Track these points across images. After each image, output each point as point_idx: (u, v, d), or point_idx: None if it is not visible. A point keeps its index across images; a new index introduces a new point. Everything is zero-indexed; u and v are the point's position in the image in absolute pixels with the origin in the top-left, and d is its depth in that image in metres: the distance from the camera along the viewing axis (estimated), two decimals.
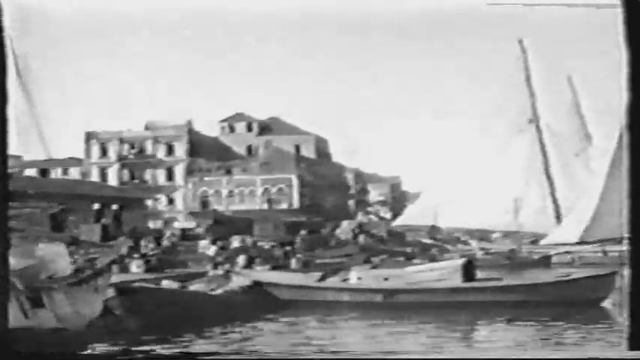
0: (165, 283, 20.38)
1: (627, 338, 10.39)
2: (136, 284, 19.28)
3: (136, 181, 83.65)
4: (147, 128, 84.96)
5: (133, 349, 14.44)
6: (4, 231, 10.11)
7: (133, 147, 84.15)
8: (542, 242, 41.67)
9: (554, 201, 45.08)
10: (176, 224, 71.42)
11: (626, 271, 10.23)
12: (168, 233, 51.07)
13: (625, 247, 40.92)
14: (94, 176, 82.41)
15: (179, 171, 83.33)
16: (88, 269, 15.58)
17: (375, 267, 27.59)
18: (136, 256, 28.52)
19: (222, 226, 53.26)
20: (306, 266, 29.86)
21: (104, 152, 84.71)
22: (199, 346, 15.24)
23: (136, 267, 25.54)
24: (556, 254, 39.65)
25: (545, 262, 38.55)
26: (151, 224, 64.22)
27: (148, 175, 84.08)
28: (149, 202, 68.65)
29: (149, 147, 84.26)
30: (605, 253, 39.49)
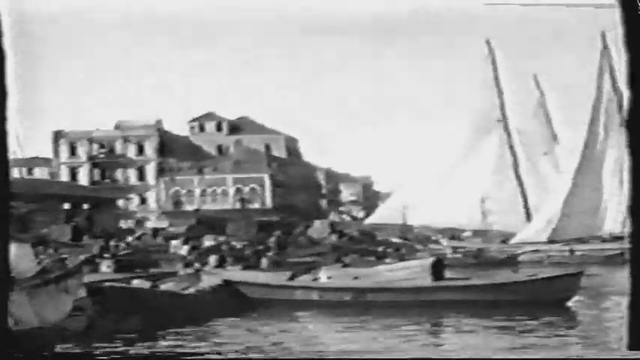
0: (136, 283, 20.34)
1: (627, 338, 10.51)
2: (107, 284, 19.21)
3: (107, 180, 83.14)
4: (117, 128, 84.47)
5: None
6: (4, 231, 10.12)
7: (102, 147, 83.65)
8: (512, 241, 42.08)
9: (524, 200, 45.50)
10: (148, 224, 71.17)
11: (627, 271, 10.36)
12: (139, 233, 50.89)
13: (596, 246, 41.10)
14: (64, 176, 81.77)
15: (150, 170, 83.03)
16: (58, 270, 15.50)
17: (346, 266, 27.72)
18: (106, 255, 28.42)
19: (205, 227, 53.22)
20: (277, 266, 29.91)
21: (73, 152, 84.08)
22: (168, 343, 15.25)
23: (106, 267, 25.45)
24: (524, 253, 40.06)
25: (511, 261, 38.94)
26: (123, 224, 64.00)
27: (119, 174, 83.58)
28: (120, 202, 68.34)
29: (119, 146, 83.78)
30: (572, 252, 39.97)
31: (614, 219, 41.71)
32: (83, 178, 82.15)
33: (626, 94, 10.56)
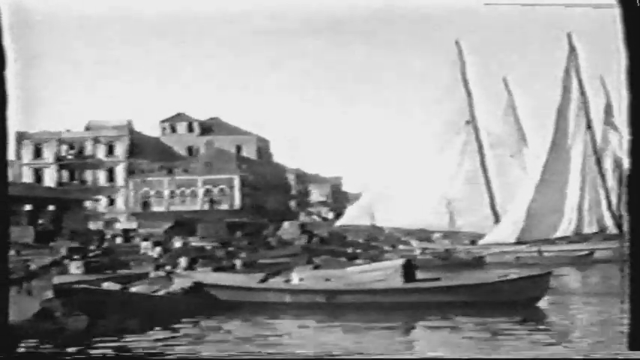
0: (107, 285, 20.22)
1: (627, 338, 10.61)
2: (77, 286, 19.08)
3: (76, 182, 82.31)
4: (87, 129, 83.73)
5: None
6: (4, 231, 10.07)
7: (72, 147, 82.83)
8: (481, 242, 42.39)
9: (492, 201, 45.79)
10: (117, 225, 70.65)
11: (627, 271, 10.45)
12: (109, 234, 50.55)
13: (564, 247, 41.39)
14: (26, 178, 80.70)
15: (120, 171, 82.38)
16: (20, 272, 15.34)
17: (317, 267, 27.73)
18: (75, 257, 28.19)
19: (183, 228, 53.04)
20: (248, 267, 29.87)
21: (38, 153, 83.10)
22: (141, 344, 15.20)
23: (75, 268, 25.25)
24: (492, 254, 40.38)
25: (479, 262, 39.25)
26: (92, 225, 63.46)
27: (88, 175, 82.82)
28: (89, 204, 67.69)
29: (89, 147, 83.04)
30: (540, 253, 40.38)
31: (580, 220, 42.21)
32: (50, 180, 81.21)
33: (626, 93, 10.63)
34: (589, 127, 43.53)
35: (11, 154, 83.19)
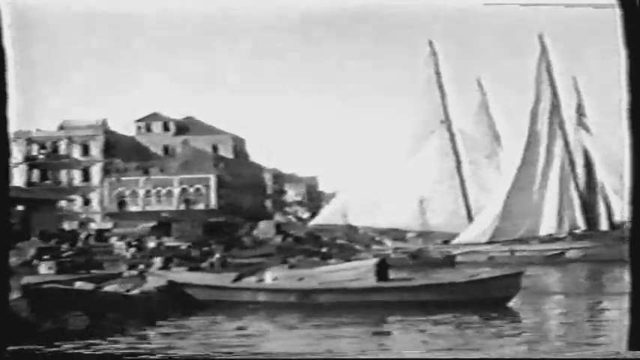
0: (79, 285, 20.12)
1: (627, 338, 10.67)
2: (46, 285, 18.95)
3: (49, 181, 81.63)
4: (61, 128, 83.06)
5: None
6: (4, 229, 10.04)
7: (43, 147, 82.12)
8: (454, 242, 42.67)
9: (466, 201, 46.07)
10: (93, 225, 70.18)
11: (627, 271, 10.52)
12: (84, 234, 50.20)
13: (535, 247, 41.80)
14: None
15: (95, 171, 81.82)
16: None
17: (292, 267, 27.82)
18: (45, 257, 28.01)
19: (166, 228, 52.87)
20: (223, 266, 29.89)
21: None
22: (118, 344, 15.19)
23: (46, 269, 25.10)
24: (465, 253, 40.68)
25: (450, 261, 39.52)
26: (67, 225, 63.00)
27: (63, 175, 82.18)
28: (64, 203, 67.17)
29: (63, 147, 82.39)
30: (512, 253, 40.73)
31: (552, 220, 42.60)
32: (19, 180, 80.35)
33: (625, 92, 10.69)
34: (561, 128, 43.95)
35: None
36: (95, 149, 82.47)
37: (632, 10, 10.52)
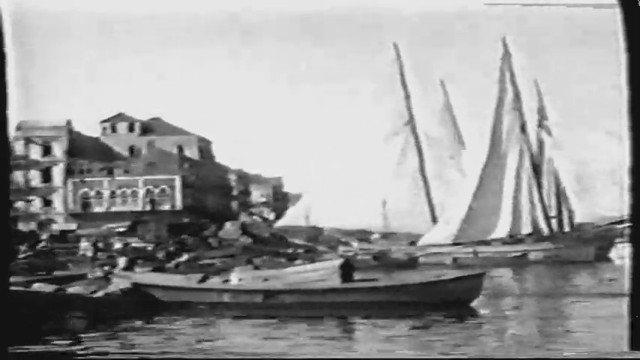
0: (37, 286, 19.85)
1: (628, 338, 10.76)
2: None
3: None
4: (19, 128, 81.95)
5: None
6: (4, 227, 10.00)
7: None
8: (418, 243, 42.90)
9: (430, 203, 46.33)
10: (55, 226, 69.42)
11: (627, 271, 10.60)
12: (45, 235, 49.67)
13: (499, 248, 42.13)
14: None
15: (57, 172, 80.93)
16: None
17: (257, 268, 27.85)
18: None
19: (143, 227, 52.49)
20: (188, 267, 29.84)
21: None
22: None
23: None
24: (429, 255, 40.96)
25: (413, 262, 39.80)
26: (23, 227, 62.16)
27: (18, 176, 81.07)
28: (20, 204, 66.29)
29: (19, 148, 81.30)
30: (475, 254, 41.08)
31: (515, 222, 43.04)
32: None
33: (626, 92, 10.77)
34: (523, 130, 44.43)
35: None
36: (58, 150, 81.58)
37: (632, 10, 10.62)
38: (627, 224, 38.76)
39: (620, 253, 38.49)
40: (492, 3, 15.82)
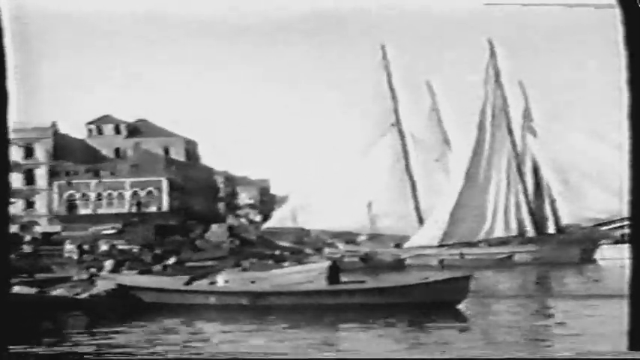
0: (18, 289, 19.66)
1: (628, 338, 10.75)
2: None
3: None
4: None
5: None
6: (4, 230, 9.95)
7: None
8: (405, 245, 42.96)
9: (416, 204, 46.40)
10: (37, 228, 69.07)
11: (627, 271, 10.58)
12: (28, 237, 49.37)
13: (485, 250, 42.18)
14: None
15: (41, 174, 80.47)
16: None
17: (245, 270, 27.80)
18: None
19: (130, 229, 52.28)
20: (175, 269, 29.75)
21: None
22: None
23: None
24: (415, 256, 41.03)
25: (399, 264, 39.87)
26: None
27: None
28: None
29: None
30: (462, 256, 41.18)
31: (500, 224, 43.19)
32: None
33: (626, 93, 10.73)
34: (510, 132, 44.57)
35: None
36: (41, 152, 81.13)
37: (632, 10, 10.60)
38: (618, 225, 38.93)
39: (605, 254, 38.69)
40: (492, 3, 15.83)
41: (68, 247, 40.60)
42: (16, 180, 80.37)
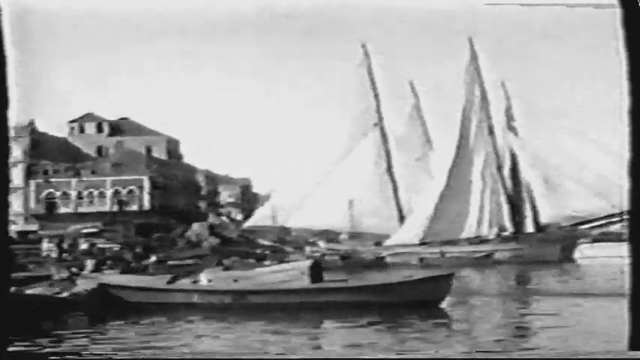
0: None
1: (628, 338, 10.74)
2: None
3: None
4: None
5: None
6: (4, 224, 9.87)
7: None
8: (386, 243, 43.14)
9: (397, 203, 46.61)
10: (13, 227, 68.68)
11: (627, 271, 10.58)
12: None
13: (465, 248, 42.60)
14: None
15: (17, 173, 79.86)
16: None
17: (227, 269, 27.76)
18: None
19: (119, 228, 52.04)
20: (157, 268, 29.67)
21: None
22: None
23: None
24: (396, 255, 41.18)
25: (380, 262, 40.02)
26: None
27: None
28: None
29: None
30: (442, 254, 41.37)
31: (481, 222, 43.45)
32: None
33: (626, 93, 10.76)
34: (491, 132, 44.85)
35: None
36: (17, 150, 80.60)
37: (632, 10, 10.61)
38: (597, 224, 39.29)
39: (584, 253, 39.05)
40: (492, 3, 15.91)
41: (46, 245, 40.37)
42: None
